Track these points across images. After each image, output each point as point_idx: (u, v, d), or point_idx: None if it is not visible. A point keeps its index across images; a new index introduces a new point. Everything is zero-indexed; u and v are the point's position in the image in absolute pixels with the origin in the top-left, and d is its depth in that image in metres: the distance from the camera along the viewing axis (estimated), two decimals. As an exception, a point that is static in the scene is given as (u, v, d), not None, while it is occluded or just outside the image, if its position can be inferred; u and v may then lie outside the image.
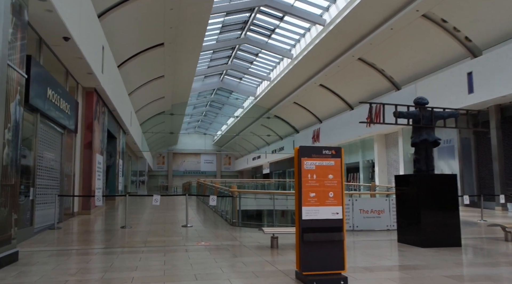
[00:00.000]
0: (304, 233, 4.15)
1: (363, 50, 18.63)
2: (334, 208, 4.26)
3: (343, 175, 4.32)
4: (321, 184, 4.26)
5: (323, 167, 4.29)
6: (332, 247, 4.20)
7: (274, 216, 10.12)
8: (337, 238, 4.19)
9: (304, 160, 4.26)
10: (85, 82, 11.72)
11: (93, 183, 12.40)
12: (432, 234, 6.68)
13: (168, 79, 22.93)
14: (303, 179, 4.22)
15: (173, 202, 19.09)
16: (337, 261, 4.21)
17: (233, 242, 7.34)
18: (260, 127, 38.24)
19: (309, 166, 4.26)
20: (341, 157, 4.34)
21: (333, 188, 4.28)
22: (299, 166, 4.27)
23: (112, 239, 7.68)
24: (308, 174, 4.24)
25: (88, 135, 12.16)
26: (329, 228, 4.21)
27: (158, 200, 9.32)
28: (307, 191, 4.22)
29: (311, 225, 4.19)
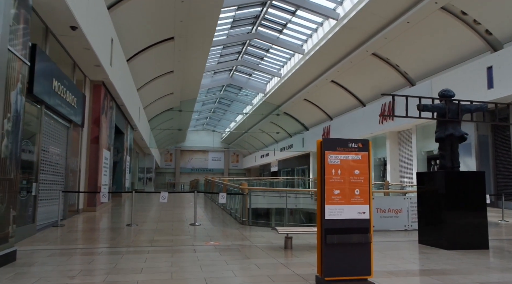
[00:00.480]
0: (327, 234, 3.73)
1: (378, 44, 18.07)
2: (361, 207, 3.83)
3: (370, 170, 3.89)
4: (346, 180, 3.83)
5: (348, 161, 3.86)
6: (358, 250, 3.77)
7: (286, 214, 9.70)
8: (363, 240, 3.76)
9: (328, 153, 3.83)
10: (93, 75, 11.39)
11: (99, 179, 12.08)
12: (458, 235, 6.21)
13: (177, 75, 22.59)
14: (326, 174, 3.79)
15: (180, 199, 18.77)
16: (363, 265, 3.78)
17: (244, 242, 6.93)
18: (269, 125, 37.79)
19: (334, 160, 3.83)
20: (369, 151, 3.91)
21: (360, 185, 3.85)
22: (322, 160, 3.85)
23: (117, 237, 7.32)
24: (332, 169, 3.82)
25: (95, 130, 11.83)
26: (355, 229, 3.78)
27: (165, 197, 8.96)
28: (331, 188, 3.79)
29: (335, 225, 3.77)
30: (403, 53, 18.41)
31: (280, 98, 30.85)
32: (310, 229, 6.25)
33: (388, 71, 19.99)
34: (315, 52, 21.24)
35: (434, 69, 17.65)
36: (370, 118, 22.18)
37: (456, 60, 16.38)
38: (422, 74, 18.57)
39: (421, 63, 18.23)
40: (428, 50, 17.28)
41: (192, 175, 54.19)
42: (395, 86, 20.71)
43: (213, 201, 17.01)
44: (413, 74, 19.15)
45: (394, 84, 20.64)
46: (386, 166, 22.08)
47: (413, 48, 17.70)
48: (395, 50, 18.44)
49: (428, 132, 18.87)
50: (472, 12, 14.37)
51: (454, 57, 16.41)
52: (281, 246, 6.43)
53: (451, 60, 16.62)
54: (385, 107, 20.64)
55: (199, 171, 55.22)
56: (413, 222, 8.38)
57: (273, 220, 16.12)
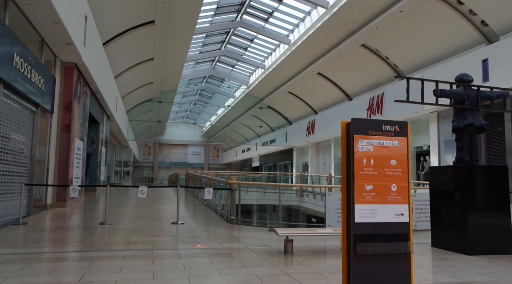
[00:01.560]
0: (358, 243, 2.89)
1: (368, 35, 17.40)
2: (398, 207, 3.01)
3: (409, 160, 3.07)
4: (380, 173, 3.00)
5: (383, 149, 3.03)
6: (395, 262, 2.96)
7: (280, 211, 8.86)
8: (403, 250, 2.94)
9: (358, 138, 2.99)
10: (64, 55, 10.22)
11: (71, 172, 10.95)
12: (480, 238, 5.50)
13: (157, 63, 21.41)
14: (356, 165, 2.95)
15: (159, 194, 17.71)
16: (402, 280, 2.96)
17: (236, 245, 6.06)
18: (251, 118, 36.87)
19: (365, 146, 3.00)
20: (408, 135, 3.09)
21: (397, 179, 3.04)
22: (349, 146, 3.00)
23: (87, 238, 6.31)
24: (364, 158, 2.98)
25: (66, 117, 10.68)
26: (392, 236, 2.96)
27: (144, 192, 7.98)
28: (362, 183, 2.96)
29: (367, 230, 2.94)
30: (394, 45, 17.80)
31: (263, 91, 29.98)
32: (313, 231, 5.43)
33: (377, 63, 19.38)
34: (302, 43, 20.44)
35: (426, 61, 17.11)
36: (357, 113, 21.56)
37: (449, 52, 15.86)
38: (412, 67, 18.02)
39: (412, 56, 17.66)
40: (420, 42, 16.70)
41: (171, 169, 52.83)
42: (384, 79, 20.14)
43: (195, 196, 16.05)
44: (403, 67, 18.58)
45: (383, 77, 20.07)
46: (373, 161, 21.56)
47: (404, 40, 17.10)
48: (385, 42, 17.82)
49: (417, 128, 18.37)
50: (469, 2, 13.81)
51: (447, 50, 15.89)
52: (279, 249, 5.59)
53: (444, 53, 16.10)
54: (373, 101, 20.07)
55: (178, 165, 53.87)
56: (418, 221, 7.69)
57: (266, 218, 15.40)
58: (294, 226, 14.60)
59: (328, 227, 7.59)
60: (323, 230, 5.38)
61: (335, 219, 7.63)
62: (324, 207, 7.93)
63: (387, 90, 19.05)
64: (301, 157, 32.45)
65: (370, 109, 20.30)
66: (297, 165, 32.70)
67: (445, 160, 16.09)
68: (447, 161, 16.02)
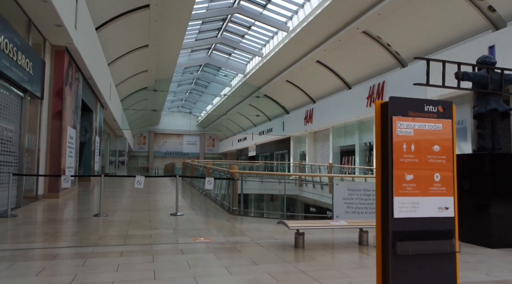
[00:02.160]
0: (398, 241, 2.47)
1: (370, 22, 16.89)
2: (442, 200, 2.60)
3: (455, 145, 2.65)
4: (422, 160, 2.58)
5: (425, 133, 2.61)
6: (438, 262, 2.55)
7: (284, 202, 8.46)
8: (448, 249, 2.54)
9: (398, 119, 2.56)
10: (53, 38, 9.64)
11: (63, 161, 10.45)
12: (506, 230, 5.14)
13: (152, 50, 20.77)
14: (395, 151, 2.53)
15: (156, 184, 17.24)
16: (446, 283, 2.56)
17: (241, 238, 5.65)
18: (248, 108, 36.33)
19: (405, 130, 2.57)
20: (453, 118, 2.66)
21: (441, 167, 2.62)
22: (385, 129, 2.58)
23: (81, 232, 5.87)
24: (404, 143, 2.56)
25: (57, 104, 10.14)
26: (435, 233, 2.55)
27: (141, 182, 7.53)
28: (402, 172, 2.54)
29: (408, 226, 2.53)
30: (396, 32, 17.32)
31: (260, 79, 29.44)
32: (326, 223, 5.03)
33: (378, 51, 18.90)
34: (301, 30, 19.90)
35: (429, 49, 16.64)
36: (357, 101, 21.16)
37: (454, 39, 15.41)
38: (415, 55, 17.56)
39: (415, 43, 17.19)
40: (424, 29, 16.23)
41: (166, 158, 52.34)
42: (384, 67, 19.70)
43: (193, 186, 15.63)
44: (405, 54, 18.12)
45: (384, 65, 19.62)
46: (373, 151, 21.22)
47: (407, 26, 16.62)
48: (387, 28, 17.33)
49: (418, 116, 18.02)
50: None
51: (452, 36, 15.43)
52: (289, 243, 5.20)
53: (449, 40, 15.64)
54: (373, 89, 19.64)
55: (173, 155, 53.36)
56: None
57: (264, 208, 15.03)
58: (293, 217, 14.28)
59: (337, 218, 7.21)
60: (336, 222, 4.99)
61: (343, 209, 7.26)
62: (331, 197, 7.55)
63: (388, 78, 18.61)
64: (299, 146, 32.08)
65: (371, 98, 19.89)
66: (294, 154, 32.35)
67: (448, 149, 15.76)
68: (450, 150, 15.68)
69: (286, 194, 21.72)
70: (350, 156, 24.23)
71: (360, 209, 7.26)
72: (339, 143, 25.35)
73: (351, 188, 7.31)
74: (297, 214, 16.47)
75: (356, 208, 7.26)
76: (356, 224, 5.10)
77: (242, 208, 8.10)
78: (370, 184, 7.86)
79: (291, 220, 5.20)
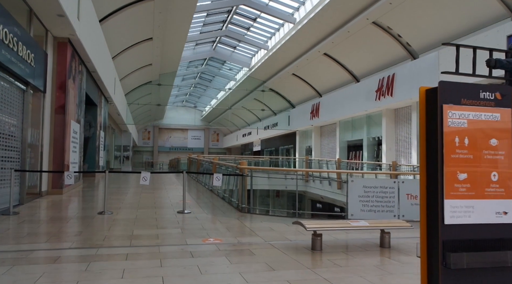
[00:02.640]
0: (451, 253, 2.11)
1: (380, 12, 16.40)
2: (500, 203, 2.24)
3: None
4: (477, 156, 2.22)
5: (481, 124, 2.24)
6: (498, 277, 2.19)
7: (296, 199, 8.10)
8: (508, 262, 2.17)
9: (449, 108, 2.19)
10: (56, 29, 9.29)
11: (67, 156, 10.15)
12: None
13: (156, 43, 20.40)
14: (446, 146, 2.16)
15: (161, 180, 16.93)
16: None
17: (254, 239, 5.31)
18: (253, 102, 35.91)
19: (458, 120, 2.20)
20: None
21: (498, 165, 2.25)
22: (433, 120, 2.21)
23: (85, 231, 5.56)
24: (456, 136, 2.19)
25: (60, 97, 9.82)
26: (494, 242, 2.19)
27: (147, 179, 7.20)
28: (454, 170, 2.17)
29: (461, 235, 2.16)
30: (408, 22, 16.82)
31: (266, 73, 29.01)
32: (346, 224, 4.67)
33: (388, 42, 18.40)
34: (308, 21, 19.43)
35: (442, 39, 16.12)
36: (365, 95, 20.72)
37: (469, 28, 14.88)
38: (427, 46, 17.06)
39: (427, 33, 16.67)
40: (437, 18, 15.72)
41: (170, 153, 52.16)
42: (395, 59, 19.22)
43: (199, 181, 15.32)
44: (416, 45, 17.62)
45: (394, 57, 19.14)
46: (381, 145, 20.79)
47: (419, 15, 16.11)
48: (398, 18, 16.83)
49: (429, 110, 17.57)
50: (493, -26, 12.85)
51: (468, 26, 14.90)
52: (305, 245, 4.85)
53: (464, 29, 15.11)
54: (383, 82, 19.17)
55: (178, 150, 53.14)
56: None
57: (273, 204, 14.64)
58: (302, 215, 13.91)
59: (352, 216, 6.87)
60: (356, 223, 4.64)
61: (358, 208, 6.91)
62: (340, 193, 7.19)
63: (399, 70, 18.14)
64: (304, 141, 31.69)
65: (380, 91, 19.43)
66: (300, 149, 31.97)
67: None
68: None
69: (293, 190, 21.43)
70: (357, 151, 23.81)
71: (376, 207, 6.91)
72: (346, 138, 24.93)
73: (367, 185, 6.96)
74: (307, 212, 16.12)
75: (373, 206, 6.91)
76: (378, 225, 4.74)
77: (252, 206, 7.75)
78: (387, 181, 7.50)
79: (306, 220, 4.84)
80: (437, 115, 2.19)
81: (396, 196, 6.91)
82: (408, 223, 4.88)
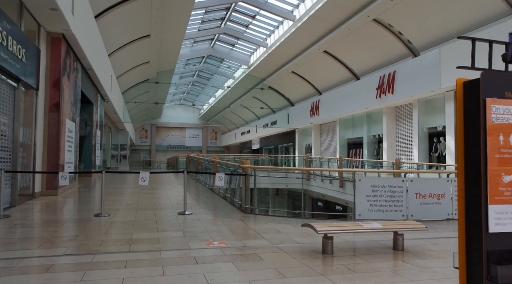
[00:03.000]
0: (496, 265, 1.85)
1: (381, 8, 16.15)
2: (550, 209, 1.97)
3: None
4: (524, 157, 1.95)
5: (528, 119, 1.97)
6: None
7: (303, 201, 7.84)
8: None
9: (492, 102, 1.93)
10: (49, 24, 8.98)
11: (62, 156, 9.85)
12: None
13: (154, 40, 20.07)
14: (489, 144, 1.90)
15: (160, 179, 16.64)
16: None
17: (260, 242, 5.04)
18: (251, 100, 35.63)
19: (502, 116, 1.94)
20: (561, 99, 2.03)
21: (547, 166, 1.98)
22: (473, 116, 1.94)
23: (80, 236, 5.27)
24: (501, 133, 1.93)
25: (55, 95, 9.51)
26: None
27: (146, 179, 6.92)
28: (498, 172, 1.91)
29: (509, 245, 1.90)
30: (409, 19, 16.57)
31: (265, 71, 28.73)
32: (358, 226, 4.41)
33: (388, 39, 18.17)
34: (308, 18, 19.16)
35: (444, 36, 15.90)
36: (366, 92, 20.48)
37: (471, 26, 14.66)
38: (428, 43, 16.83)
39: (428, 30, 16.44)
40: (438, 15, 15.48)
41: (168, 152, 51.84)
42: (395, 57, 18.99)
43: (198, 181, 15.04)
44: (418, 43, 17.38)
45: (394, 54, 18.91)
46: (382, 143, 20.56)
47: (420, 13, 15.88)
48: (399, 15, 16.59)
49: (431, 107, 17.35)
50: (497, -32, 12.62)
51: (469, 23, 14.68)
52: (314, 248, 4.59)
53: (465, 26, 14.89)
54: (384, 79, 18.93)
55: (176, 148, 52.83)
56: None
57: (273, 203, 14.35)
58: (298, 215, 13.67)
59: (359, 216, 6.62)
60: (369, 225, 4.37)
61: (366, 208, 6.66)
62: (352, 194, 6.94)
63: (399, 68, 17.90)
64: (304, 139, 31.45)
65: (380, 89, 19.19)
66: (299, 147, 31.74)
67: (463, 141, 15.09)
68: (465, 143, 15.01)
69: (293, 188, 21.18)
70: (357, 149, 23.58)
71: (385, 207, 6.66)
72: (346, 135, 24.70)
73: (375, 184, 6.70)
74: (311, 212, 15.88)
75: (381, 206, 6.66)
76: (392, 226, 4.49)
77: (255, 206, 7.48)
78: (395, 180, 7.24)
79: (315, 221, 4.56)
80: (479, 110, 1.92)
81: (405, 195, 6.67)
82: (423, 225, 4.62)
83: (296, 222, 6.64)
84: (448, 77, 14.78)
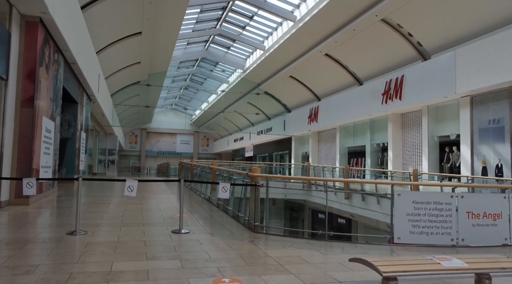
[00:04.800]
0: None
1: (392, 7, 15.12)
2: None
3: None
4: None
5: None
6: None
7: (326, 218, 6.54)
8: None
9: None
10: (23, 5, 7.64)
11: (36, 159, 8.44)
12: None
13: (146, 38, 18.78)
14: None
15: (149, 187, 15.17)
16: None
17: (286, 278, 3.72)
18: (246, 106, 34.37)
19: None
20: None
21: None
22: None
23: (41, 266, 3.89)
24: None
25: (29, 87, 8.13)
26: None
27: (133, 189, 5.57)
28: None
29: None
30: (420, 19, 15.53)
31: (261, 75, 27.56)
32: (431, 263, 3.11)
33: (397, 41, 17.12)
34: (310, 18, 18.09)
35: (458, 38, 14.86)
36: (370, 98, 19.40)
37: (488, 27, 13.58)
38: (440, 45, 15.78)
39: (441, 32, 15.38)
40: (452, 16, 14.43)
41: (158, 158, 50.33)
42: (403, 60, 17.95)
43: (192, 190, 13.65)
44: (428, 45, 16.34)
45: (402, 58, 17.86)
46: (387, 152, 19.41)
47: (433, 13, 14.84)
48: (410, 15, 15.54)
49: (442, 115, 16.27)
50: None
51: (486, 24, 13.60)
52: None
53: (482, 28, 13.82)
54: (390, 84, 17.86)
55: (166, 155, 51.31)
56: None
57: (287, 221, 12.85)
58: (320, 236, 12.34)
59: (398, 239, 5.34)
60: (448, 262, 3.09)
61: (407, 229, 5.40)
62: (390, 213, 5.68)
63: (408, 72, 16.85)
64: (300, 147, 30.26)
65: (387, 94, 18.12)
66: (295, 155, 30.51)
67: (479, 151, 14.00)
68: (481, 152, 13.93)
69: (292, 199, 19.88)
70: (359, 158, 22.42)
71: (429, 228, 5.40)
72: (347, 143, 23.56)
73: (418, 199, 5.44)
74: (326, 233, 14.62)
75: (425, 227, 5.39)
76: (479, 267, 3.19)
77: (266, 224, 6.16)
78: (442, 195, 5.98)
79: (378, 259, 3.24)
80: None
81: (454, 214, 5.42)
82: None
83: (319, 246, 5.35)
84: (465, 81, 13.71)
